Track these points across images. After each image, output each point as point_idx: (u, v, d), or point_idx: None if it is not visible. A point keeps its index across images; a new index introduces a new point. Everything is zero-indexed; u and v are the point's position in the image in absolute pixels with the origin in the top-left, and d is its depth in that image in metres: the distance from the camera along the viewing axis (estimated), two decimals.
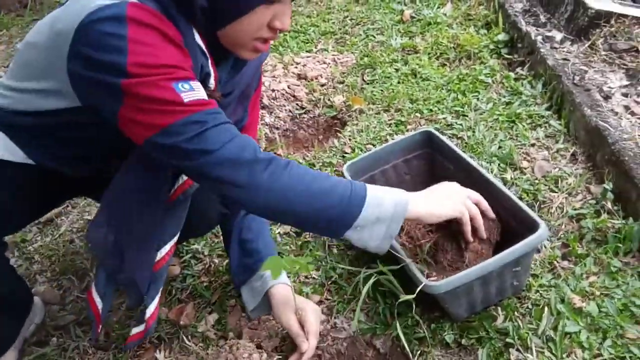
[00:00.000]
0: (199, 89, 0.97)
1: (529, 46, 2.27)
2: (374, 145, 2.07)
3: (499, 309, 1.34)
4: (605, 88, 1.88)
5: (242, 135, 1.01)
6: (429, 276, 1.28)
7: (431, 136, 1.60)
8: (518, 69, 2.27)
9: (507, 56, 2.42)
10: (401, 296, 1.25)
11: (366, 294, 1.32)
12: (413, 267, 1.22)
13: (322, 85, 2.62)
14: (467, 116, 2.07)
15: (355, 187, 1.05)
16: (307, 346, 1.26)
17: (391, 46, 2.78)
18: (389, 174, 1.64)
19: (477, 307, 1.32)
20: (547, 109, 1.98)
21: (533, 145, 1.83)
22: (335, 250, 1.65)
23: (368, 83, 2.54)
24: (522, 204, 1.26)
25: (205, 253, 1.74)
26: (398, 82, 2.45)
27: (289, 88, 2.59)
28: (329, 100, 2.47)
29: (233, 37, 1.04)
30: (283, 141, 2.31)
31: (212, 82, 1.09)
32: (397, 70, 2.56)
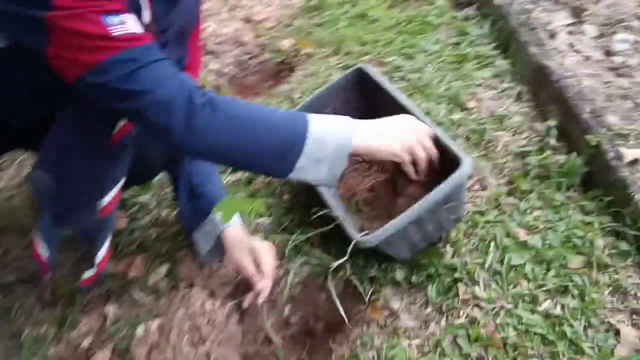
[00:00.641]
0: (131, 23, 0.92)
1: None
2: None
3: (448, 246, 1.37)
4: (550, 27, 1.89)
5: (179, 73, 0.96)
6: (363, 228, 1.29)
7: (364, 73, 1.53)
8: (467, 9, 2.25)
9: None
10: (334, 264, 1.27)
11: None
12: (344, 225, 1.22)
13: (270, 28, 2.54)
14: (416, 58, 2.05)
15: (296, 126, 1.01)
16: (263, 285, 1.26)
17: None
18: None
19: (420, 246, 1.33)
20: (494, 49, 1.98)
21: (480, 85, 1.84)
22: (286, 196, 1.64)
23: (317, 26, 2.48)
24: (449, 141, 1.22)
25: (152, 204, 1.70)
26: (347, 25, 2.40)
27: (236, 32, 2.51)
28: (277, 44, 2.40)
29: None
30: (230, 88, 2.25)
31: (147, 16, 1.03)
32: (346, 12, 2.50)
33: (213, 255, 1.38)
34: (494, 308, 1.24)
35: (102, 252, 1.23)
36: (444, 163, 1.21)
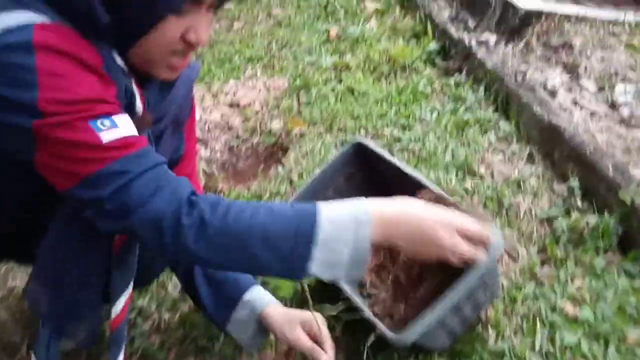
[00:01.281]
0: (124, 124, 0.85)
1: (464, 52, 2.25)
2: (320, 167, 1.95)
3: (490, 329, 1.24)
4: (548, 85, 1.86)
5: (171, 180, 0.87)
6: (379, 316, 1.19)
7: (362, 147, 1.43)
8: (456, 75, 2.23)
9: (442, 64, 2.39)
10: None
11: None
12: (375, 323, 1.11)
13: (257, 112, 2.49)
14: (414, 128, 2.00)
15: (299, 235, 0.88)
16: (327, 357, 1.11)
17: (322, 66, 2.70)
18: (334, 198, 1.50)
19: (458, 331, 1.20)
20: (494, 112, 1.94)
21: (487, 150, 1.78)
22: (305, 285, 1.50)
23: (305, 105, 2.43)
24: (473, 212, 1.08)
25: (152, 308, 1.55)
26: (336, 101, 2.36)
27: (222, 118, 2.45)
28: (266, 126, 2.34)
29: (145, 56, 0.90)
30: (222, 175, 2.16)
31: (139, 105, 0.96)
32: (333, 89, 2.47)
33: (256, 341, 1.22)
34: None
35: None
36: None
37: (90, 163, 0.81)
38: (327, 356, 1.12)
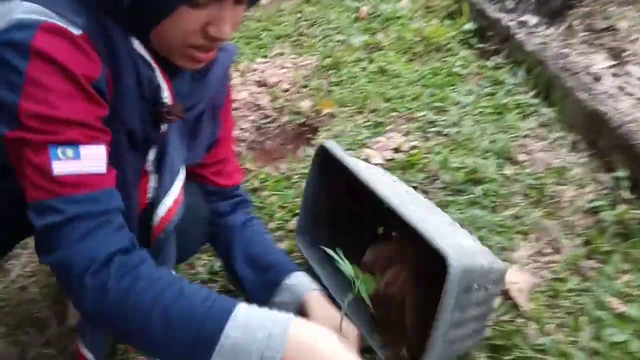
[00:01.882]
0: (89, 157, 0.81)
1: (502, 33, 2.17)
2: (353, 150, 1.91)
3: (532, 322, 1.20)
4: (592, 70, 1.79)
5: (102, 233, 0.82)
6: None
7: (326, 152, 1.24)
8: (493, 58, 2.16)
9: (479, 46, 2.31)
10: None
11: None
12: None
13: (286, 91, 2.44)
14: (449, 111, 1.94)
15: (201, 338, 0.80)
16: None
17: (352, 45, 2.63)
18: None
19: (461, 349, 1.14)
20: (535, 97, 1.87)
21: (527, 136, 1.72)
22: None
23: (335, 85, 2.38)
24: (432, 236, 0.97)
25: None
26: (367, 82, 2.30)
27: (251, 97, 2.41)
28: (295, 106, 2.30)
29: (162, 43, 0.87)
30: (250, 155, 2.13)
31: (167, 96, 0.93)
32: (364, 69, 2.41)
33: None
34: None
35: None
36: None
37: (37, 189, 0.80)
38: None
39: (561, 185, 1.51)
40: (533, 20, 2.14)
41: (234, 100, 2.37)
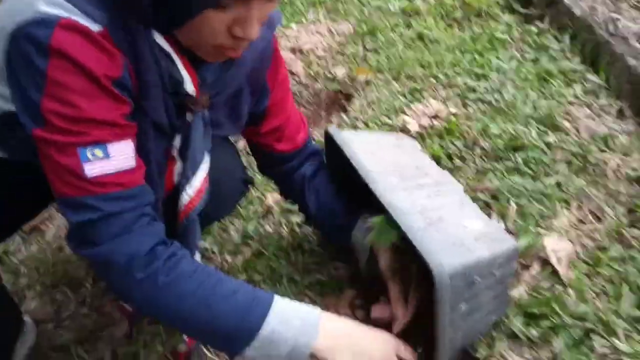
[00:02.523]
0: (118, 154, 0.83)
1: None
2: (389, 117, 1.87)
3: (570, 290, 1.16)
4: None
5: (139, 228, 0.86)
6: None
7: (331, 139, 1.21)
8: (537, 22, 2.08)
9: (522, 10, 2.23)
10: None
11: None
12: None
13: (320, 57, 2.41)
14: (490, 77, 1.88)
15: (247, 321, 0.89)
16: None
17: (390, 10, 2.57)
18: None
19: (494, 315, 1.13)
20: (581, 63, 1.79)
21: (572, 103, 1.65)
22: None
23: (370, 51, 2.33)
24: (418, 243, 0.94)
25: (214, 251, 1.54)
26: (404, 48, 2.25)
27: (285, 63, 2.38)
28: (330, 73, 2.27)
29: (187, 40, 0.86)
30: None
31: (191, 88, 0.92)
32: (401, 35, 2.36)
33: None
34: None
35: None
36: None
37: (69, 186, 0.82)
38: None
39: (606, 153, 1.46)
40: None
41: None
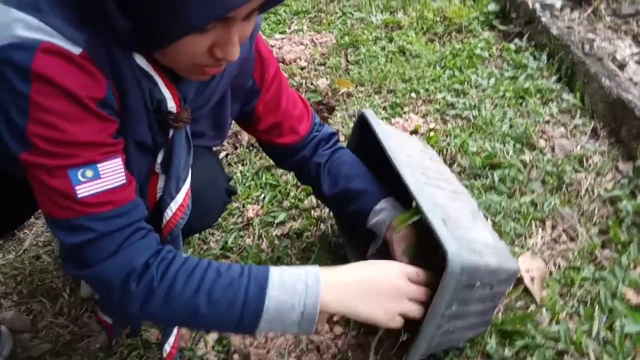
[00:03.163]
0: (109, 173, 0.83)
1: (526, 15, 2.12)
2: None
3: (544, 309, 1.19)
4: (617, 56, 1.75)
5: (132, 244, 0.86)
6: None
7: (364, 121, 1.25)
8: (516, 40, 2.12)
9: (501, 27, 2.27)
10: None
11: None
12: None
13: (302, 68, 2.42)
14: (469, 94, 1.91)
15: (249, 299, 0.88)
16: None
17: (372, 23, 2.60)
18: None
19: (480, 320, 1.13)
20: (557, 82, 1.83)
21: (548, 122, 1.69)
22: (343, 251, 1.47)
23: (353, 63, 2.35)
24: (439, 228, 0.95)
25: None
26: (386, 61, 2.28)
27: None
28: (312, 84, 2.28)
29: (170, 62, 0.86)
30: None
31: (172, 105, 0.92)
32: (383, 48, 2.38)
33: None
34: None
35: (170, 342, 1.10)
36: None
37: (60, 208, 0.81)
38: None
39: (580, 172, 1.49)
40: (558, 3, 2.09)
41: None
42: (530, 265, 1.27)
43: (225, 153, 1.92)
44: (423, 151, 1.29)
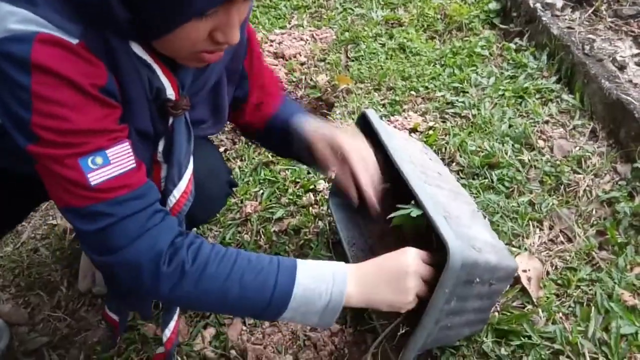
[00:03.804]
0: (119, 158, 0.83)
1: (527, 15, 2.12)
2: None
3: (539, 310, 1.20)
4: (618, 57, 1.75)
5: (156, 225, 0.86)
6: None
7: (366, 120, 1.25)
8: (516, 40, 2.11)
9: (502, 26, 2.26)
10: None
11: None
12: None
13: (302, 64, 2.41)
14: (468, 92, 1.91)
15: (278, 288, 0.91)
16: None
17: (373, 19, 2.59)
18: None
19: (478, 318, 1.14)
20: (557, 82, 1.83)
21: (547, 122, 1.69)
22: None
23: (352, 60, 2.35)
24: (440, 224, 0.97)
25: None
26: (386, 58, 2.27)
27: None
28: (312, 80, 2.27)
29: (169, 50, 0.85)
30: None
31: (171, 93, 0.93)
32: (383, 45, 2.38)
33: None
34: None
35: (167, 333, 1.11)
36: None
37: (76, 197, 0.81)
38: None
39: (578, 173, 1.50)
40: (559, 3, 2.09)
41: None
42: (527, 265, 1.28)
43: (224, 148, 1.91)
44: (423, 152, 1.29)
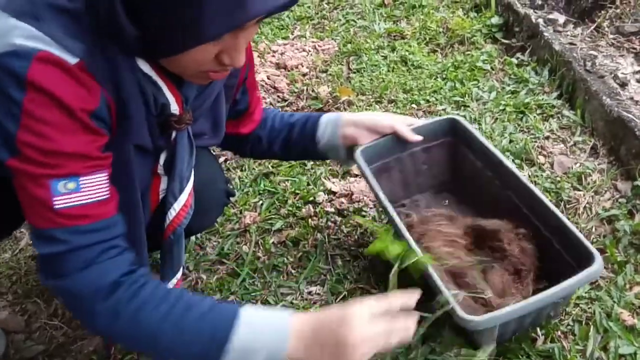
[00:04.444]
0: (91, 187, 0.83)
1: (529, 30, 2.13)
2: None
3: (538, 329, 1.19)
4: (619, 74, 1.75)
5: (105, 260, 0.86)
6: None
7: (456, 124, 1.41)
8: (518, 55, 2.12)
9: (504, 41, 2.27)
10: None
11: None
12: (450, 299, 1.02)
13: (304, 75, 2.42)
14: (469, 107, 1.91)
15: (215, 337, 0.84)
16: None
17: (375, 32, 2.60)
18: (405, 162, 1.44)
19: (506, 337, 1.16)
20: (558, 98, 1.83)
21: (547, 138, 1.69)
22: (339, 261, 1.47)
23: (354, 72, 2.35)
24: (573, 227, 1.10)
25: (190, 268, 1.54)
26: (388, 71, 2.28)
27: (269, 79, 2.39)
28: (313, 91, 2.28)
29: (176, 68, 0.86)
30: None
31: (175, 108, 0.93)
32: (385, 57, 2.38)
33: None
34: None
35: None
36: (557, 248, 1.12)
37: (40, 218, 0.81)
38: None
39: (579, 190, 1.50)
40: (561, 18, 2.10)
41: None
42: None
43: (224, 158, 1.91)
44: None
